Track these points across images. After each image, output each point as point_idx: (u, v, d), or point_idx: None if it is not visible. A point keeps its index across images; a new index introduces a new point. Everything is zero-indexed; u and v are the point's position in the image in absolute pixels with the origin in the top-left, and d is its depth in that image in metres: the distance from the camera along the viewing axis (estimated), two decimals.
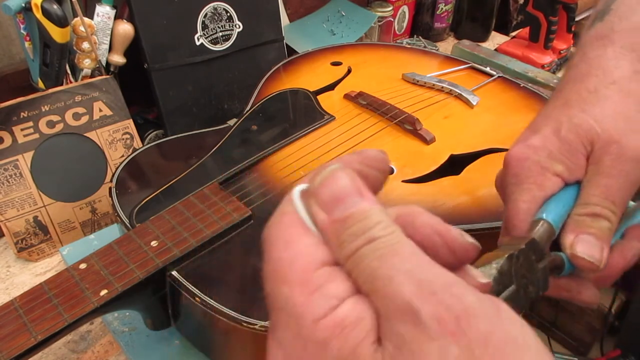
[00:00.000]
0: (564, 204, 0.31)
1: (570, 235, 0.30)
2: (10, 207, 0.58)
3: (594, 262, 0.29)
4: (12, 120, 0.58)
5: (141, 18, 0.66)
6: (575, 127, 0.32)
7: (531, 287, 0.28)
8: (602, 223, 0.30)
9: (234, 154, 0.56)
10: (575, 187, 0.32)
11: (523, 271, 0.28)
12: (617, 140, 0.30)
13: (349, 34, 0.93)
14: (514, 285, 0.27)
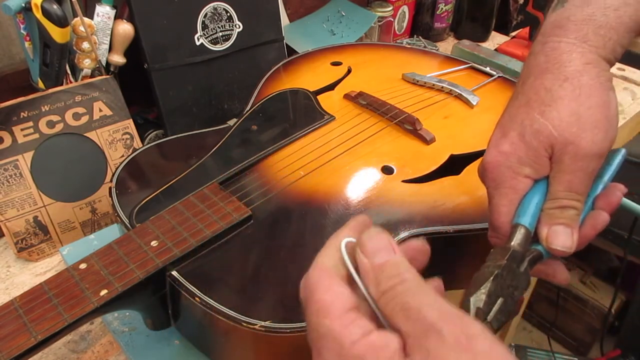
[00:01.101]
0: (535, 201, 0.36)
1: (544, 228, 0.36)
2: (10, 207, 0.58)
3: (565, 250, 0.35)
4: (12, 120, 0.58)
5: (141, 18, 0.66)
6: (537, 134, 0.36)
7: (516, 291, 0.32)
8: (570, 212, 0.35)
9: (234, 154, 0.56)
10: (543, 182, 0.37)
11: (508, 282, 0.32)
12: (572, 141, 0.35)
13: (349, 34, 0.93)
14: (502, 298, 0.31)
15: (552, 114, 0.36)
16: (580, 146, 0.34)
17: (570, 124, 0.35)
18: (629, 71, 0.98)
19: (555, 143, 0.35)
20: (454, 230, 0.48)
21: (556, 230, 0.35)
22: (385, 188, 0.52)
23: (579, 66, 0.36)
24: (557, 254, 0.35)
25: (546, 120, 0.36)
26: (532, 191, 0.37)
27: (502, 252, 0.34)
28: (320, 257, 0.28)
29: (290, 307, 0.40)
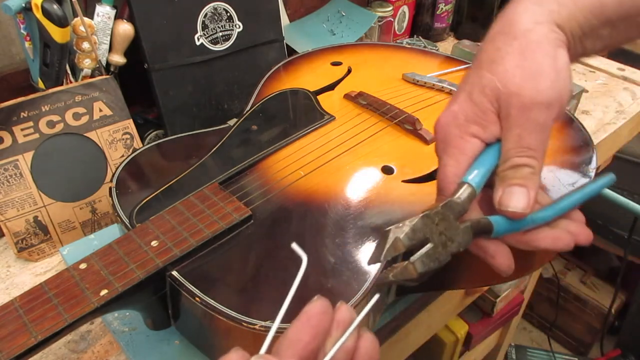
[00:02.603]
0: (486, 164, 0.35)
1: (498, 192, 0.34)
2: (10, 207, 0.58)
3: (519, 210, 0.33)
4: (12, 120, 0.58)
5: (141, 18, 0.66)
6: (483, 88, 0.35)
7: (451, 243, 0.31)
8: (524, 170, 0.33)
9: (234, 154, 0.56)
10: (496, 146, 0.35)
11: (441, 229, 0.31)
12: (516, 92, 0.33)
13: (349, 34, 0.93)
14: (432, 244, 0.30)
15: (498, 69, 0.35)
16: (524, 95, 0.33)
17: (514, 75, 0.34)
18: (629, 71, 0.98)
19: (500, 95, 0.34)
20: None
21: (510, 191, 0.33)
22: (385, 188, 0.52)
23: (529, 25, 0.35)
24: (512, 216, 0.33)
25: (492, 75, 0.35)
26: (484, 155, 0.35)
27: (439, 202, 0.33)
28: None
29: (291, 307, 0.40)
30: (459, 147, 0.35)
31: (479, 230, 0.33)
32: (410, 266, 0.30)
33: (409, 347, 0.69)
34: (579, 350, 1.66)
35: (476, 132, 0.35)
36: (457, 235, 0.32)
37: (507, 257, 0.35)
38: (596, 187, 0.41)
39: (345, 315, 0.26)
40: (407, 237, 0.29)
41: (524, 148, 0.33)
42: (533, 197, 0.33)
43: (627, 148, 1.18)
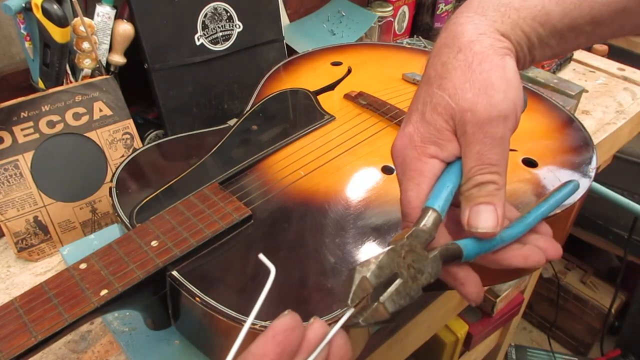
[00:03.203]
0: (448, 185, 0.34)
1: (465, 213, 0.32)
2: (11, 207, 0.58)
3: (489, 230, 0.31)
4: (12, 120, 0.58)
5: (141, 18, 0.66)
6: (435, 107, 0.34)
7: (420, 275, 0.30)
8: (488, 188, 0.32)
9: (234, 154, 0.56)
10: (457, 164, 0.34)
11: (409, 262, 0.30)
12: (469, 108, 0.32)
13: (349, 34, 0.93)
14: (401, 280, 0.29)
15: (447, 85, 0.34)
16: (477, 111, 0.32)
17: (464, 91, 0.33)
18: (629, 71, 0.98)
19: (454, 113, 0.33)
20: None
21: (477, 211, 0.32)
22: (385, 188, 0.52)
23: (473, 37, 0.34)
24: (482, 237, 0.32)
25: (442, 92, 0.34)
26: (445, 175, 0.34)
27: (405, 232, 0.32)
28: None
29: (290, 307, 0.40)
30: (418, 169, 0.34)
31: (449, 257, 0.32)
32: (380, 307, 0.28)
33: (409, 347, 0.69)
34: (579, 350, 1.66)
35: (434, 152, 0.34)
36: (427, 266, 0.31)
37: (476, 285, 0.34)
38: (562, 197, 0.40)
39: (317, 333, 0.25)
40: (374, 276, 0.28)
41: (486, 165, 0.32)
42: (501, 213, 0.32)
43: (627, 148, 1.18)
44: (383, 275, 0.28)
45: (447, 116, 0.33)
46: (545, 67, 0.94)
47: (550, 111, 0.64)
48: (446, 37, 0.36)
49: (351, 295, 0.28)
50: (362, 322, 0.28)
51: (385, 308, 0.28)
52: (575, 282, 1.61)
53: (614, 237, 1.44)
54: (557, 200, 0.39)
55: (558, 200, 0.39)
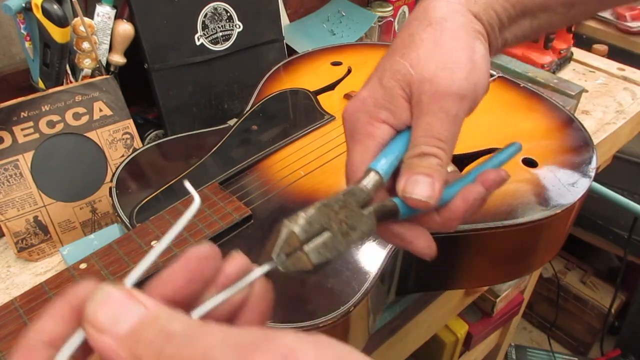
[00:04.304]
0: (395, 151, 0.33)
1: (403, 179, 0.31)
2: (11, 207, 0.58)
3: (423, 199, 0.30)
4: (12, 120, 0.58)
5: (141, 18, 0.66)
6: (394, 73, 0.33)
7: (353, 231, 0.29)
8: (431, 160, 0.31)
9: (234, 154, 0.56)
10: (407, 133, 0.33)
11: (342, 217, 0.28)
12: (429, 78, 0.32)
13: (349, 34, 0.93)
14: (330, 232, 0.27)
15: (411, 54, 0.33)
16: (437, 83, 0.32)
17: (428, 61, 0.32)
18: (629, 71, 0.98)
19: (413, 82, 0.32)
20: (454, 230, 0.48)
21: (415, 180, 0.31)
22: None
23: (445, 14, 0.34)
24: (413, 204, 0.31)
25: (404, 61, 0.33)
26: (393, 142, 0.34)
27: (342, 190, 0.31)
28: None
29: (290, 307, 0.40)
30: (367, 133, 0.33)
31: (384, 214, 0.31)
32: (303, 257, 0.26)
33: (409, 347, 0.69)
34: (579, 350, 1.66)
35: (386, 117, 0.33)
36: (360, 223, 0.29)
37: (426, 239, 0.34)
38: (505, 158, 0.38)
39: (237, 270, 0.24)
40: (302, 230, 0.26)
41: (433, 138, 0.32)
42: (438, 189, 0.31)
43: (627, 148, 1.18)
44: (312, 231, 0.27)
45: (404, 83, 0.33)
46: (545, 67, 0.94)
47: (550, 111, 0.64)
48: (418, 12, 0.35)
49: (277, 250, 0.27)
50: (281, 268, 0.26)
51: (309, 258, 0.26)
52: (575, 282, 1.61)
53: (614, 237, 1.44)
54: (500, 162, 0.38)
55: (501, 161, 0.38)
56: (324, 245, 0.27)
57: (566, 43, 0.98)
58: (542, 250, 0.55)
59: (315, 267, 0.27)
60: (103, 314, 0.19)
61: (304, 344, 0.18)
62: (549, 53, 0.95)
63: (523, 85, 0.71)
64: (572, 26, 0.96)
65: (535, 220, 0.49)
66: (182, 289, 0.21)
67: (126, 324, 0.19)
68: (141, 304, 0.20)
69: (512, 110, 0.65)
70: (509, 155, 0.39)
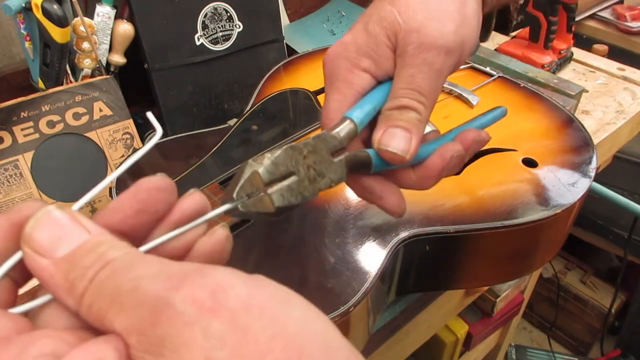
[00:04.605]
0: (373, 101, 0.31)
1: (379, 131, 0.30)
2: (11, 207, 0.58)
3: (399, 152, 0.29)
4: (12, 120, 0.58)
5: (141, 18, 0.66)
6: (381, 20, 0.32)
7: (321, 178, 0.28)
8: (410, 114, 0.30)
9: (234, 154, 0.56)
10: (388, 84, 0.32)
11: (310, 162, 0.27)
12: (417, 29, 0.30)
13: None
14: (296, 176, 0.26)
15: (400, 2, 0.32)
16: (424, 34, 0.30)
17: (416, 11, 0.31)
18: (629, 71, 0.98)
19: (399, 31, 0.31)
20: (454, 230, 0.48)
21: (392, 132, 0.30)
22: None
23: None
24: (387, 157, 0.30)
25: (392, 8, 0.32)
26: (373, 92, 0.32)
27: None
28: None
29: None
30: (347, 80, 0.32)
31: (356, 164, 0.29)
32: (266, 198, 0.25)
33: (408, 347, 0.69)
34: (579, 350, 1.66)
35: (367, 66, 0.32)
36: (329, 170, 0.28)
37: (397, 196, 0.33)
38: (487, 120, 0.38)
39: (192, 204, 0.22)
40: (266, 171, 0.25)
41: (415, 91, 0.30)
42: (415, 145, 0.30)
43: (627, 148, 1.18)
44: (277, 173, 0.25)
45: (390, 32, 0.31)
46: (545, 67, 0.94)
47: (550, 111, 0.64)
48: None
49: (237, 189, 0.25)
50: (241, 208, 0.25)
51: (272, 200, 0.25)
52: (575, 282, 1.61)
53: (614, 237, 1.44)
54: (482, 124, 0.37)
55: (482, 124, 0.37)
56: (288, 189, 0.26)
57: (566, 43, 0.98)
58: (542, 250, 0.55)
59: (277, 210, 0.25)
60: (43, 235, 0.18)
61: (237, 279, 0.17)
62: (549, 53, 0.95)
63: (523, 85, 0.71)
64: (572, 26, 0.96)
65: (535, 220, 0.48)
66: (130, 218, 0.20)
67: (66, 247, 0.18)
68: (85, 229, 0.18)
69: (512, 110, 0.65)
70: (493, 118, 0.37)
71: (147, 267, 0.17)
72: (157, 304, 0.16)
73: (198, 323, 0.15)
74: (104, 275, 0.17)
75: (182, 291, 0.16)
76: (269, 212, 0.25)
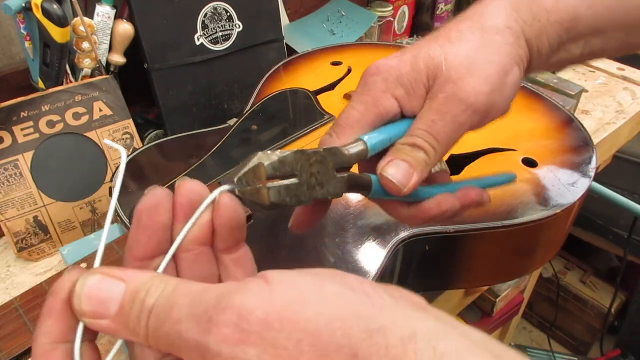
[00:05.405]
0: (391, 132, 0.32)
1: (386, 159, 0.31)
2: (11, 207, 0.58)
3: (397, 183, 0.30)
4: (13, 120, 0.58)
5: (141, 18, 0.66)
6: (429, 59, 0.33)
7: (320, 188, 0.28)
8: (419, 154, 0.31)
9: (234, 154, 0.56)
10: (410, 122, 0.33)
11: (314, 171, 0.28)
12: (455, 80, 0.32)
13: (349, 34, 0.93)
14: (297, 179, 0.27)
15: (451, 49, 0.33)
16: (459, 88, 0.31)
17: (462, 65, 0.32)
18: (629, 71, 0.98)
19: (439, 76, 0.32)
20: (454, 230, 0.48)
21: (397, 164, 0.31)
22: None
23: (500, 26, 0.34)
24: (384, 184, 0.31)
25: (443, 51, 0.33)
26: (394, 125, 0.33)
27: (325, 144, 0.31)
28: None
29: None
30: (376, 98, 0.33)
31: (356, 184, 0.31)
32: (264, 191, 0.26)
33: None
34: (579, 350, 1.66)
35: (400, 96, 0.33)
36: (330, 184, 0.29)
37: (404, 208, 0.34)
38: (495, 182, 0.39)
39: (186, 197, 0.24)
40: (271, 166, 0.26)
41: (431, 136, 0.31)
42: (414, 182, 0.31)
43: (627, 148, 1.18)
44: (281, 171, 0.26)
45: (432, 74, 0.33)
46: None
47: (550, 111, 0.64)
48: (473, 13, 0.35)
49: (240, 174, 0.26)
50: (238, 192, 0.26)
51: (268, 194, 0.26)
52: (575, 282, 1.61)
53: (614, 237, 1.44)
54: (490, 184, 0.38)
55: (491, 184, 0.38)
56: (287, 189, 0.27)
57: None
58: (542, 250, 0.55)
59: (271, 205, 0.26)
60: (91, 307, 0.21)
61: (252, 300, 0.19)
62: None
63: (523, 85, 0.71)
64: None
65: (535, 220, 0.49)
66: (148, 244, 0.23)
67: (114, 305, 0.21)
68: (119, 279, 0.21)
69: (512, 110, 0.65)
70: (501, 182, 0.39)
71: (179, 311, 0.20)
72: (199, 349, 0.19)
73: (236, 356, 0.18)
74: (153, 326, 0.20)
75: (213, 336, 0.18)
76: (263, 204, 0.27)
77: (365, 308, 0.19)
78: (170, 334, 0.20)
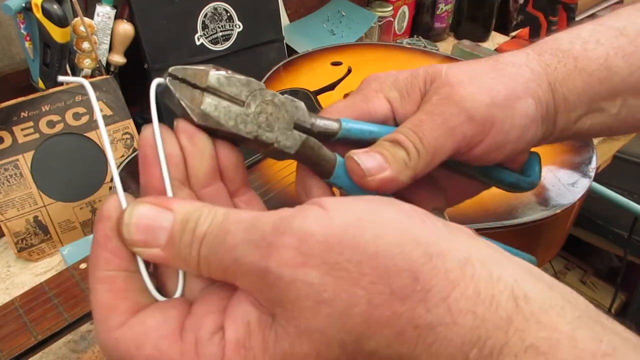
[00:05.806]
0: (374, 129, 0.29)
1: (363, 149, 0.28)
2: (11, 207, 0.58)
3: (362, 168, 0.26)
4: (13, 120, 0.58)
5: (141, 18, 0.66)
6: (429, 67, 0.31)
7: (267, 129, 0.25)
8: (399, 151, 0.27)
9: None
10: None
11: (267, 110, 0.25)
12: (452, 84, 0.29)
13: (349, 34, 0.93)
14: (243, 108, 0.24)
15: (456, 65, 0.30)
16: (456, 91, 0.28)
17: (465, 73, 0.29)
18: None
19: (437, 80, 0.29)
20: None
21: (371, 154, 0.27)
22: None
23: (517, 62, 0.30)
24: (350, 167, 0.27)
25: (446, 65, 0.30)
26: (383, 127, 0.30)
27: None
28: None
29: None
30: (367, 96, 0.30)
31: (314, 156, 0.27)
32: (197, 97, 0.23)
33: None
34: None
35: (392, 98, 0.30)
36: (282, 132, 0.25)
37: None
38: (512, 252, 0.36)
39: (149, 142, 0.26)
40: (217, 79, 0.23)
41: (416, 135, 0.27)
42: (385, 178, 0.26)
43: (627, 148, 1.18)
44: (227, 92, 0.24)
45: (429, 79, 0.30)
46: None
47: None
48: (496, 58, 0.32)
49: (180, 67, 0.24)
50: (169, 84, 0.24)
51: (201, 103, 0.24)
52: (575, 282, 1.61)
53: (614, 237, 1.44)
54: None
55: None
56: (226, 109, 0.24)
57: None
58: (542, 250, 0.55)
59: (201, 115, 0.24)
60: (140, 236, 0.21)
61: (312, 224, 0.19)
62: None
63: None
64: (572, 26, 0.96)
65: (536, 220, 0.49)
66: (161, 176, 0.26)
67: (163, 234, 0.21)
68: (167, 209, 0.22)
69: None
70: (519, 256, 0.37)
71: (234, 237, 0.20)
72: (259, 273, 0.19)
73: (297, 278, 0.18)
74: (205, 253, 0.20)
75: (274, 259, 0.18)
76: (192, 109, 0.24)
77: (422, 233, 0.19)
78: (224, 260, 0.20)
